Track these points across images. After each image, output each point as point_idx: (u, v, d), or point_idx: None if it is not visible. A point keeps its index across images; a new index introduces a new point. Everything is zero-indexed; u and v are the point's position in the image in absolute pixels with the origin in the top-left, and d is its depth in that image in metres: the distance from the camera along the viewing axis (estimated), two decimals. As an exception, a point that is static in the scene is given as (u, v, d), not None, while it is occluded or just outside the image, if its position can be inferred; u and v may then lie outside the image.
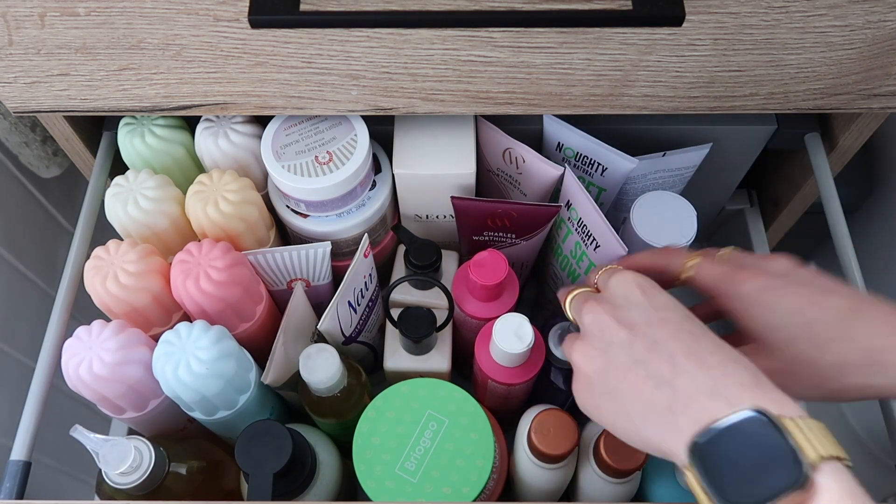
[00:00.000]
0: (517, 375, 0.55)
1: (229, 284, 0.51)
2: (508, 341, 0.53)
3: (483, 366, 0.56)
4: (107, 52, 0.47)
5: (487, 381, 0.56)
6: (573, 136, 0.58)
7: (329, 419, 0.55)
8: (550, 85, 0.50)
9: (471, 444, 0.51)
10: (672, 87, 0.50)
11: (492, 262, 0.55)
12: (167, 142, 0.56)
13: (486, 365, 0.55)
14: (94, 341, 0.48)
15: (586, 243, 0.58)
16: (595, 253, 0.57)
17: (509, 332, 0.53)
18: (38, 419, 0.52)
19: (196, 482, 0.51)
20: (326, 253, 0.56)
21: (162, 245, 0.54)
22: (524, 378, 0.55)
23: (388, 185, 0.59)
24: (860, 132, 0.60)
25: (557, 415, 0.52)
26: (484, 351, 0.56)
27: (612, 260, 0.54)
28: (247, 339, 0.55)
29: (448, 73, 0.48)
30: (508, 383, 0.55)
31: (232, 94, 0.51)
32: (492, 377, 0.55)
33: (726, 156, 0.64)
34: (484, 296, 0.57)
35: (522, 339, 0.53)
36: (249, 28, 0.44)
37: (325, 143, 0.54)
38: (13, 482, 0.49)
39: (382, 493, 0.49)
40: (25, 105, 0.52)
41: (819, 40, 0.46)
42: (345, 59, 0.47)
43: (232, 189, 0.52)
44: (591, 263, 0.58)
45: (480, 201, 0.57)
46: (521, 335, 0.53)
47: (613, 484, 0.53)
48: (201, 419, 0.52)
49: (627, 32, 0.45)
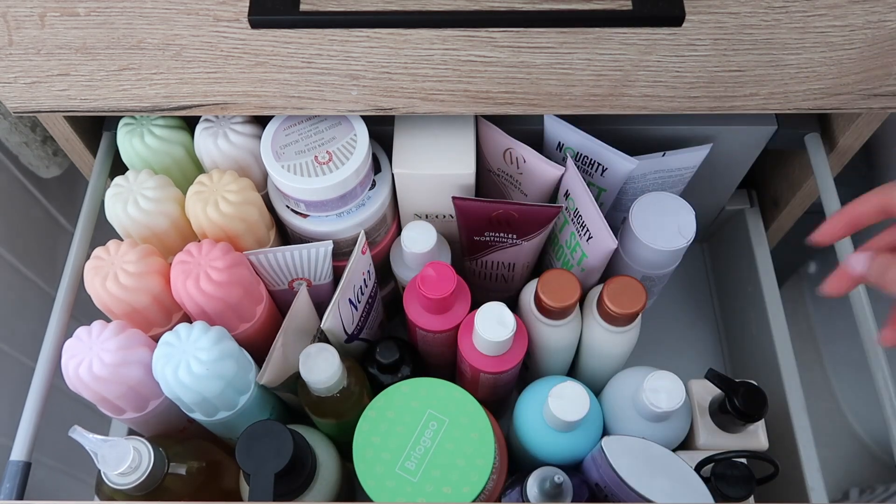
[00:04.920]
0: (504, 363, 0.56)
1: (229, 285, 0.51)
2: (492, 330, 0.53)
3: (469, 359, 0.56)
4: (107, 52, 0.47)
5: (479, 374, 0.56)
6: (574, 135, 0.58)
7: (329, 419, 0.56)
8: (550, 85, 0.50)
9: (471, 443, 0.51)
10: (672, 87, 0.50)
11: (439, 275, 0.56)
12: (166, 142, 0.56)
13: (472, 358, 0.56)
14: (94, 342, 0.48)
15: (580, 234, 0.58)
16: (588, 244, 0.57)
17: (491, 320, 0.53)
18: (38, 419, 0.51)
19: (196, 483, 0.51)
20: (328, 252, 0.56)
21: (162, 245, 0.54)
22: (511, 364, 0.56)
23: (387, 184, 0.59)
24: (860, 132, 0.60)
25: (560, 273, 0.55)
26: (468, 343, 0.56)
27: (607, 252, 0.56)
28: (247, 340, 0.55)
29: (448, 73, 0.48)
30: (497, 371, 0.56)
31: (232, 94, 0.51)
32: (481, 369, 0.56)
33: (726, 156, 0.64)
34: (434, 308, 0.57)
35: (505, 325, 0.53)
36: (249, 28, 0.44)
37: (325, 143, 0.54)
38: (13, 482, 0.49)
39: (383, 493, 0.49)
40: (25, 105, 0.52)
41: (819, 40, 0.46)
42: (345, 59, 0.47)
43: (232, 189, 0.52)
44: (583, 255, 0.59)
45: (482, 202, 0.57)
46: (504, 322, 0.53)
47: (618, 334, 0.57)
48: (201, 420, 0.52)
49: (627, 32, 0.45)
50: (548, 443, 0.56)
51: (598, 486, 0.55)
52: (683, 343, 0.79)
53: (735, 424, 0.55)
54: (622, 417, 0.57)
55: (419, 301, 0.57)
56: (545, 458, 0.57)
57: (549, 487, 0.51)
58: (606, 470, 0.52)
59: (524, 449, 0.58)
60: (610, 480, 0.52)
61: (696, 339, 0.79)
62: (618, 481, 0.51)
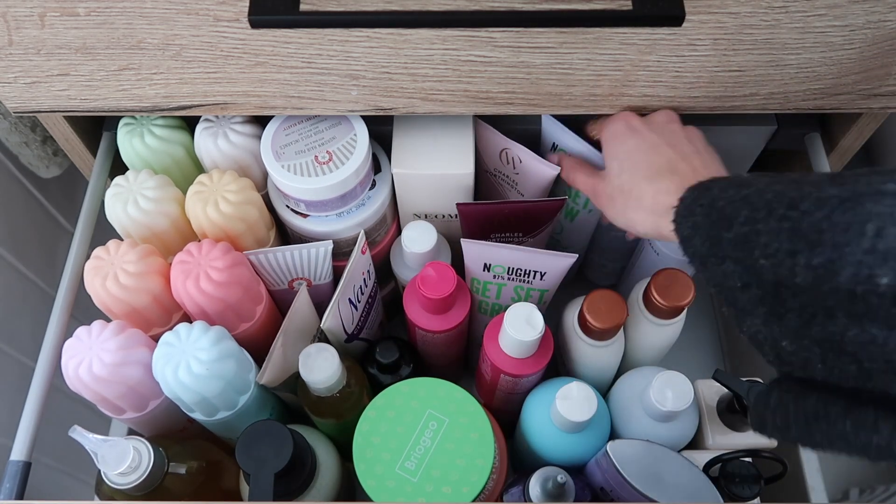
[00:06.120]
0: (526, 366, 0.55)
1: (229, 285, 0.51)
2: (521, 329, 0.53)
3: (494, 360, 0.56)
4: (107, 52, 0.47)
5: (500, 375, 0.56)
6: (568, 138, 0.58)
7: (328, 420, 0.56)
8: (550, 85, 0.50)
9: (471, 443, 0.51)
10: (672, 87, 0.50)
11: (439, 275, 0.56)
12: (166, 142, 0.56)
13: (497, 359, 0.56)
14: (94, 342, 0.48)
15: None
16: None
17: (520, 320, 0.53)
18: (38, 419, 0.51)
19: (196, 482, 0.51)
20: (328, 252, 0.56)
21: (162, 245, 0.54)
22: (533, 369, 0.56)
23: (387, 184, 0.59)
24: (860, 132, 0.60)
25: (606, 294, 0.55)
26: (494, 346, 0.56)
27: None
28: (247, 340, 0.55)
29: (448, 73, 0.48)
30: (519, 374, 0.56)
31: (232, 94, 0.51)
32: (504, 370, 0.55)
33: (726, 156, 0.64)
34: (433, 308, 0.57)
35: (534, 326, 0.53)
36: (249, 28, 0.44)
37: (325, 142, 0.54)
38: (13, 482, 0.49)
39: (383, 493, 0.49)
40: (25, 105, 0.52)
41: (819, 40, 0.46)
42: (345, 59, 0.47)
43: (232, 189, 0.52)
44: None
45: (485, 205, 0.57)
46: (533, 322, 0.53)
47: (663, 326, 0.57)
48: (201, 420, 0.52)
49: (627, 32, 0.45)
50: (555, 444, 0.56)
51: (604, 489, 0.55)
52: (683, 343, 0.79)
53: (744, 424, 0.55)
54: (630, 418, 0.57)
55: (419, 301, 0.57)
56: (552, 458, 0.57)
57: (551, 487, 0.51)
58: (612, 474, 0.52)
59: (531, 449, 0.58)
60: (616, 484, 0.52)
61: (696, 339, 0.79)
62: (624, 484, 0.51)
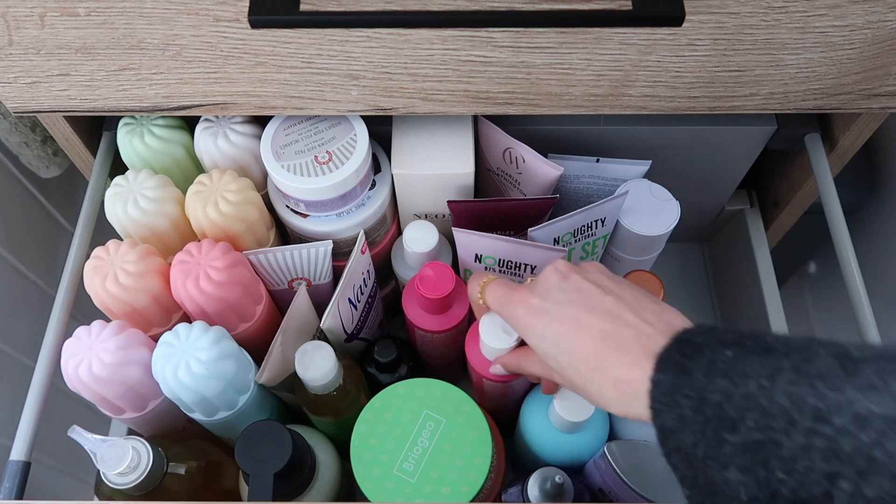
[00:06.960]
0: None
1: (229, 284, 0.51)
2: (496, 337, 0.52)
3: (476, 366, 0.56)
4: (107, 52, 0.47)
5: (482, 380, 0.56)
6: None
7: (326, 418, 0.55)
8: (550, 85, 0.50)
9: (469, 443, 0.51)
10: (672, 87, 0.50)
11: (438, 275, 0.55)
12: (166, 142, 0.56)
13: (479, 365, 0.55)
14: (93, 341, 0.48)
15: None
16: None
17: (495, 328, 0.53)
18: (38, 419, 0.51)
19: (195, 483, 0.51)
20: (328, 252, 0.56)
21: (162, 245, 0.54)
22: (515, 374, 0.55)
23: (387, 184, 0.59)
24: (860, 132, 0.60)
25: None
26: (475, 351, 0.56)
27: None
28: (247, 340, 0.55)
29: (448, 73, 0.48)
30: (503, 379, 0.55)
31: (232, 94, 0.51)
32: (486, 376, 0.55)
33: (726, 156, 0.64)
34: (433, 308, 0.57)
35: (510, 332, 0.52)
36: (249, 28, 0.44)
37: (325, 142, 0.54)
38: (13, 482, 0.49)
39: (381, 495, 0.49)
40: (25, 105, 0.52)
41: (819, 40, 0.46)
42: (345, 59, 0.47)
43: (232, 189, 0.52)
44: None
45: (476, 202, 0.57)
46: (509, 329, 0.52)
47: None
48: (201, 420, 0.52)
49: (627, 32, 0.45)
50: (554, 444, 0.56)
51: (602, 490, 0.55)
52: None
53: None
54: None
55: (418, 301, 0.57)
56: (551, 459, 0.57)
57: (549, 488, 0.51)
58: (610, 474, 0.52)
59: (530, 450, 0.58)
60: (614, 484, 0.52)
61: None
62: (622, 485, 0.51)
